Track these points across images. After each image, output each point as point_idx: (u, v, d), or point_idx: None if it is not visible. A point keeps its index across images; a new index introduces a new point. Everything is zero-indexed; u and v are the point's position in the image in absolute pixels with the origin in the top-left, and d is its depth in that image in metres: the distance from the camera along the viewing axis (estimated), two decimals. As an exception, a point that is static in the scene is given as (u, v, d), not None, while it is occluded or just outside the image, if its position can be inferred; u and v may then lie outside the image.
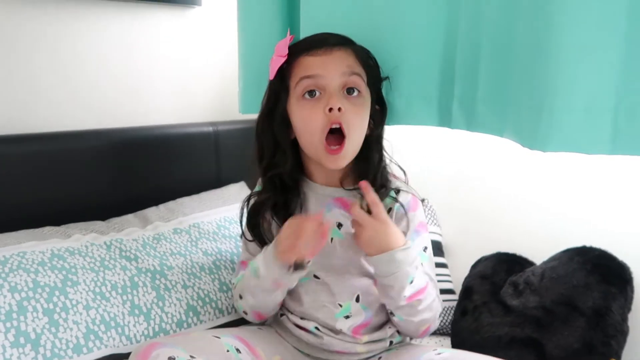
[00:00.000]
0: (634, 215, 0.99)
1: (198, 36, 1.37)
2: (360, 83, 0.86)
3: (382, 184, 0.91)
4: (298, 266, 0.85)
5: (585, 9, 0.71)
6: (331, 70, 0.85)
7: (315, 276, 0.92)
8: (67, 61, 1.18)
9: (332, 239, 0.91)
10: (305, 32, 0.99)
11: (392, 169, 0.95)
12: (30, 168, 1.08)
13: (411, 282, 0.84)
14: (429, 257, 0.94)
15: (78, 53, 1.19)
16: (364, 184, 0.85)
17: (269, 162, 0.91)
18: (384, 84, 0.93)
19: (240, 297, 0.94)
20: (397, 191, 0.92)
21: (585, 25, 0.72)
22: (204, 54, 1.38)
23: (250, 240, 0.95)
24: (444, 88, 0.97)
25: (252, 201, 0.95)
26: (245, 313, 0.96)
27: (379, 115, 0.92)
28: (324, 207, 0.91)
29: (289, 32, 0.92)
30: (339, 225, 0.91)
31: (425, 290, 0.87)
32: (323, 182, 0.92)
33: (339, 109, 0.83)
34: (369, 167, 0.90)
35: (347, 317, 0.90)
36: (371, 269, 0.90)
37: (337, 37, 0.89)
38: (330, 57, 0.85)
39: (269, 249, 0.87)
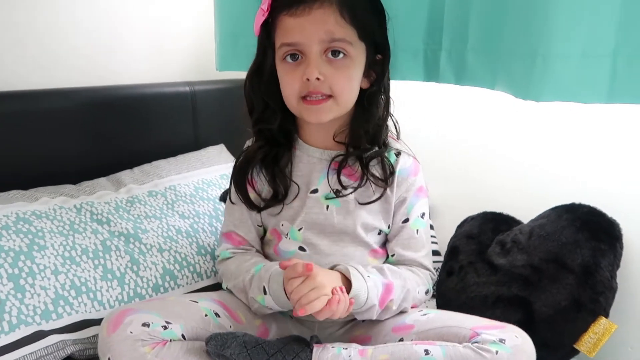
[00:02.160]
0: (623, 170, 0.96)
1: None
2: (345, 45, 0.80)
3: (377, 142, 0.87)
4: None
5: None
6: (309, 36, 0.79)
7: (302, 248, 0.88)
8: (38, 16, 1.11)
9: (327, 206, 0.87)
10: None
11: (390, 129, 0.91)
12: (-6, 128, 1.02)
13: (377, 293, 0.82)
14: (426, 224, 0.92)
15: (49, 7, 1.12)
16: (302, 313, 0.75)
17: (258, 117, 0.88)
18: None
19: (228, 280, 0.89)
20: (398, 154, 0.89)
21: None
22: (179, 9, 1.31)
23: (234, 203, 0.91)
24: (432, 39, 0.93)
25: (242, 155, 0.91)
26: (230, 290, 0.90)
27: (380, 66, 0.85)
28: (320, 173, 0.87)
29: None
30: (337, 192, 0.87)
31: (393, 290, 0.84)
32: (315, 142, 0.89)
33: (317, 79, 0.79)
34: (364, 123, 0.85)
35: None
36: (367, 238, 0.88)
37: None
38: (309, 18, 0.79)
39: (281, 291, 0.80)
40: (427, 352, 0.75)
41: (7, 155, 1.03)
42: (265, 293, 0.82)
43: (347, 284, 0.80)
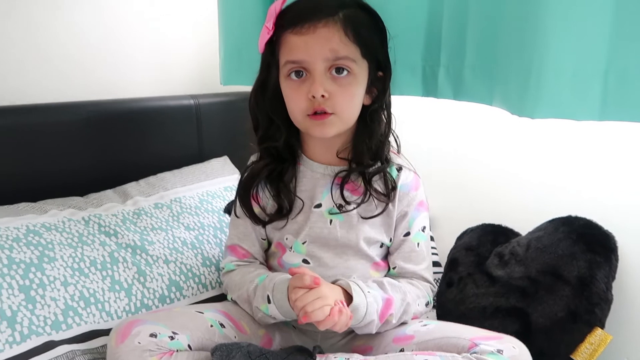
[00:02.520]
0: (618, 183, 0.98)
1: (175, 2, 1.32)
2: (349, 63, 0.82)
3: (380, 158, 0.89)
4: None
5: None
6: (314, 54, 0.81)
7: (305, 261, 0.90)
8: (38, 28, 1.13)
9: (331, 220, 0.89)
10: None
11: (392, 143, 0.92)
12: (3, 142, 1.04)
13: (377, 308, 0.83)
14: (427, 237, 0.94)
15: (52, 22, 1.14)
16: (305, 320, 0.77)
17: (263, 134, 0.89)
18: None
19: (233, 291, 0.92)
20: (399, 169, 0.91)
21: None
22: (183, 21, 1.34)
23: (238, 217, 0.93)
24: (430, 56, 0.95)
25: (248, 171, 0.93)
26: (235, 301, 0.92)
27: (381, 82, 0.87)
28: (324, 188, 0.89)
29: None
30: (340, 207, 0.89)
31: (392, 305, 0.85)
32: (319, 157, 0.91)
33: (322, 96, 0.81)
34: (366, 140, 0.87)
35: None
36: (369, 252, 0.90)
37: (324, 6, 0.82)
38: (314, 37, 0.80)
39: (285, 300, 0.81)
40: (426, 362, 0.77)
41: (16, 168, 1.05)
42: (269, 302, 0.84)
43: (349, 298, 0.82)
